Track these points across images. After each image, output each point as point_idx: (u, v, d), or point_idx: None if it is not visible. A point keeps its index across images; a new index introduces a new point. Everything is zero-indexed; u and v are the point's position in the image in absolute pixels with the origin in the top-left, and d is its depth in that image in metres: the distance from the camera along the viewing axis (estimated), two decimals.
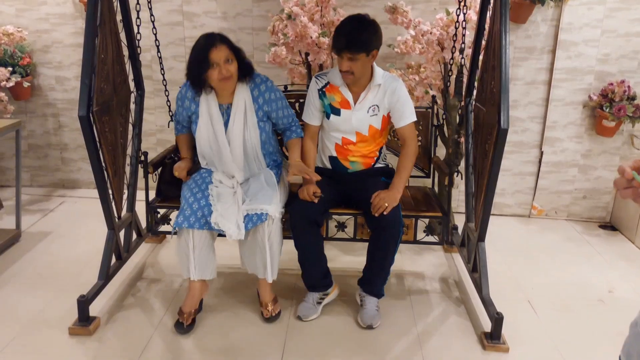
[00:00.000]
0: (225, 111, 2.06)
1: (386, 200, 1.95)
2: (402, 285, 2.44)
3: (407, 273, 2.54)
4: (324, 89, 2.12)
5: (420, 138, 2.49)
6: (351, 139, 2.12)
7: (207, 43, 1.90)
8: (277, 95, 2.10)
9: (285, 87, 2.53)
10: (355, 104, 2.08)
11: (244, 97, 2.03)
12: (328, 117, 2.13)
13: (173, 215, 2.35)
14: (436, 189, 2.60)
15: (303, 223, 2.02)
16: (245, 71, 2.01)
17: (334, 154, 2.16)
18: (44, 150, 3.52)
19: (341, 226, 2.23)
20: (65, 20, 3.24)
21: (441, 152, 2.81)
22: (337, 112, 2.09)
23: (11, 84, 3.06)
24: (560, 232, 3.07)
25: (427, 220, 2.43)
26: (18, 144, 2.73)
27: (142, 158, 2.28)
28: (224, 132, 2.04)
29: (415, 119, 2.11)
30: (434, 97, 2.57)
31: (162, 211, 2.40)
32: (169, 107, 2.64)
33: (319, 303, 2.13)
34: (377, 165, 2.22)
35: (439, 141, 2.63)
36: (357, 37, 1.90)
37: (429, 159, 2.51)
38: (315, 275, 2.13)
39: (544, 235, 3.05)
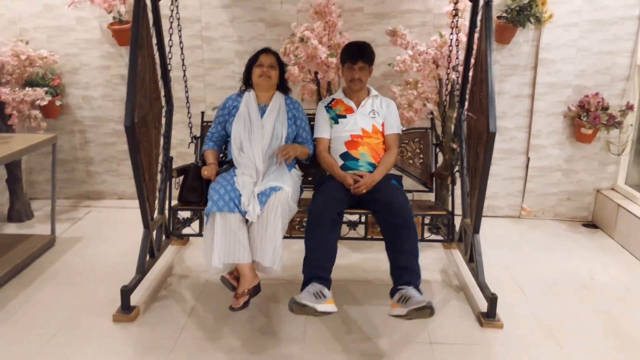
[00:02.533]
0: (262, 109, 2.52)
1: (365, 180, 2.33)
2: None
3: None
4: (330, 104, 2.61)
5: (422, 156, 2.83)
6: (359, 134, 2.51)
7: (263, 49, 2.56)
8: (303, 112, 2.64)
9: None
10: (357, 108, 2.57)
11: (279, 101, 2.55)
12: (337, 123, 2.55)
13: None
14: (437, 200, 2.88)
15: (321, 221, 2.13)
16: (283, 84, 2.61)
17: (345, 149, 2.49)
18: (70, 164, 3.78)
19: (353, 225, 2.50)
20: (92, 45, 3.55)
21: (438, 159, 3.12)
22: (343, 117, 2.56)
23: (44, 102, 3.34)
24: (547, 230, 3.37)
25: (432, 221, 2.71)
26: (54, 156, 3.00)
27: (168, 163, 2.54)
28: (259, 118, 2.48)
29: (400, 132, 2.61)
30: (432, 119, 2.89)
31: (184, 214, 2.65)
32: (190, 127, 2.82)
33: (316, 297, 1.93)
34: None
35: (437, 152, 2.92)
36: (368, 51, 2.53)
37: (431, 175, 2.80)
38: (320, 265, 2.05)
39: (533, 233, 3.34)
